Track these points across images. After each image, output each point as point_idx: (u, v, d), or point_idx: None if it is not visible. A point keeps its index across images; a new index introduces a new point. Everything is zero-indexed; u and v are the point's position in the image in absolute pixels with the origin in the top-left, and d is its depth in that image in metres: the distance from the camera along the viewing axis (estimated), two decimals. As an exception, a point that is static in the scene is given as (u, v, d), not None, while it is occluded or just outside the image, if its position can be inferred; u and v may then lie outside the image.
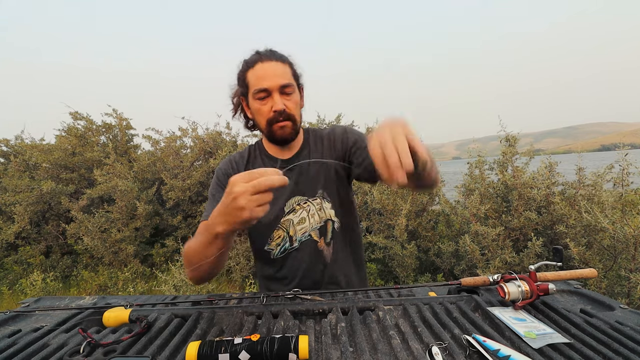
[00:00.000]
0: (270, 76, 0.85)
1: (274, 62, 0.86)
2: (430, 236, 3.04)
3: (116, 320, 0.68)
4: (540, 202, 2.35)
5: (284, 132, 0.89)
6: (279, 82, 0.85)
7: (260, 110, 0.88)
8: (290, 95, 0.88)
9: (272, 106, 0.86)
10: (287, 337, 0.55)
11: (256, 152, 1.02)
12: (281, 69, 0.87)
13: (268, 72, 0.85)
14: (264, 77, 0.85)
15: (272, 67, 0.86)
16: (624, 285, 1.82)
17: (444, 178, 3.53)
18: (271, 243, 0.97)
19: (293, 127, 0.90)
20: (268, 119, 0.88)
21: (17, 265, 3.75)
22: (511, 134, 2.62)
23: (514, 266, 2.18)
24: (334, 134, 1.01)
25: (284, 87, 0.86)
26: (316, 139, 1.02)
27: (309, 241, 0.96)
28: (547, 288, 0.68)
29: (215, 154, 4.02)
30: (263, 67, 0.86)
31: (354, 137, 0.97)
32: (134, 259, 3.66)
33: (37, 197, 3.70)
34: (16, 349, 0.59)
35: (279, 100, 0.85)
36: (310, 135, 1.03)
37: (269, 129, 0.90)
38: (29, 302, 0.86)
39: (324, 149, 0.99)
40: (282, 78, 0.86)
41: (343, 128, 1.01)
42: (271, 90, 0.85)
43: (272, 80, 0.85)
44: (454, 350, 0.55)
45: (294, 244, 0.96)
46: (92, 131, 4.56)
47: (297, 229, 0.96)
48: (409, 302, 0.74)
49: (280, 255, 0.97)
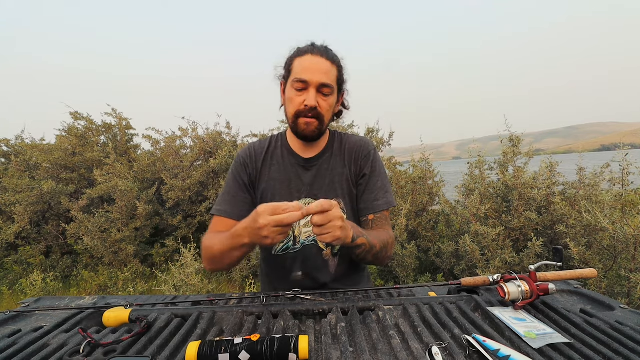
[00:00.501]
0: (314, 71, 0.84)
1: (324, 60, 0.86)
2: (430, 236, 3.04)
3: (116, 320, 0.68)
4: (541, 202, 2.35)
5: (307, 128, 0.89)
6: (319, 79, 0.84)
7: (293, 99, 0.88)
8: (327, 97, 0.87)
9: (305, 100, 0.85)
10: (287, 337, 0.55)
11: (278, 143, 1.01)
12: (327, 68, 0.86)
13: (314, 66, 0.85)
14: (308, 69, 0.85)
15: (319, 63, 0.85)
16: (624, 285, 1.82)
17: (445, 178, 3.53)
18: None
19: (318, 127, 0.89)
20: (297, 110, 0.87)
21: (17, 265, 3.75)
22: (515, 134, 2.62)
23: (514, 266, 2.18)
24: (360, 150, 0.98)
25: (323, 86, 0.85)
26: (341, 145, 1.00)
27: (313, 247, 0.95)
28: (547, 288, 0.68)
29: (215, 154, 4.02)
30: (311, 60, 0.85)
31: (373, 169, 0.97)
32: (134, 259, 3.66)
33: (37, 197, 3.70)
34: (16, 349, 0.59)
35: (313, 96, 0.85)
36: (335, 139, 1.01)
37: (295, 121, 0.89)
38: (29, 302, 0.86)
39: (345, 159, 0.98)
40: (324, 76, 0.85)
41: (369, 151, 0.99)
42: (310, 84, 0.85)
43: (315, 75, 0.84)
44: (454, 350, 0.55)
45: (296, 245, 0.95)
46: (92, 131, 4.55)
47: (302, 231, 0.95)
48: (409, 302, 0.74)
49: (282, 252, 0.97)
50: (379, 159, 1.00)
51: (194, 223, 4.10)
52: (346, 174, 0.97)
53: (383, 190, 0.96)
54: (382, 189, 0.96)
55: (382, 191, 0.96)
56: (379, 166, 0.99)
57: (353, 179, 0.97)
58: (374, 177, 0.96)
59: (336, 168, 0.97)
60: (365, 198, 0.96)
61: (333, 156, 0.98)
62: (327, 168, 0.97)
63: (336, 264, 0.97)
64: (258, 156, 0.99)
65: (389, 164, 3.99)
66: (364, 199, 0.96)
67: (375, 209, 0.94)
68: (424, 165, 3.29)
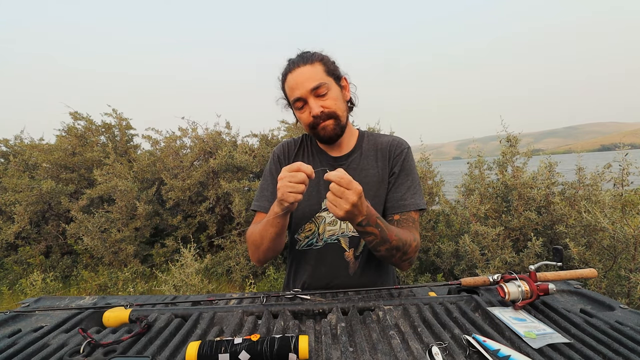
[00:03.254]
0: (299, 83, 0.86)
1: (302, 68, 0.87)
2: (430, 236, 3.04)
3: (116, 320, 0.68)
4: (540, 202, 2.35)
5: (326, 131, 0.90)
6: (308, 87, 0.86)
7: (301, 118, 0.91)
8: (326, 95, 0.88)
9: (310, 112, 0.88)
10: (287, 337, 0.55)
11: (308, 141, 1.04)
12: (309, 72, 0.86)
13: (297, 81, 0.87)
14: (294, 87, 0.87)
15: (300, 74, 0.87)
16: (624, 285, 1.82)
17: (444, 178, 3.53)
18: (301, 234, 0.98)
19: (336, 124, 0.90)
20: (309, 124, 0.90)
21: (17, 265, 3.75)
22: (512, 134, 2.62)
23: (514, 266, 2.18)
24: (393, 148, 0.98)
25: (316, 89, 0.86)
26: (370, 145, 1.00)
27: (336, 246, 0.95)
28: (547, 288, 0.68)
29: (215, 154, 4.02)
30: (292, 77, 0.88)
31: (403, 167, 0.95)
32: (134, 259, 3.66)
33: (37, 197, 3.70)
34: (16, 349, 0.59)
35: (314, 105, 0.87)
36: (365, 139, 1.01)
37: (314, 132, 0.92)
38: (29, 302, 0.86)
39: (378, 157, 0.97)
40: (311, 81, 0.86)
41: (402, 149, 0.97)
42: (305, 97, 0.87)
43: (302, 86, 0.86)
44: (454, 350, 0.55)
45: (319, 242, 0.96)
46: (91, 131, 4.55)
47: (326, 229, 0.95)
48: (409, 302, 0.74)
49: (306, 248, 0.97)
50: (411, 159, 0.98)
51: (193, 223, 4.10)
52: (378, 175, 0.95)
53: (412, 190, 0.93)
54: (411, 189, 0.93)
55: (410, 191, 0.93)
56: (411, 166, 0.97)
57: (385, 179, 0.96)
58: (403, 176, 0.95)
59: (366, 168, 0.96)
60: (392, 197, 0.94)
61: (363, 156, 0.98)
62: (356, 168, 0.96)
63: (357, 266, 0.96)
64: (291, 152, 1.02)
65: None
66: (390, 198, 0.94)
67: (400, 208, 0.92)
68: (424, 165, 3.30)
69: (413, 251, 0.86)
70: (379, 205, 0.95)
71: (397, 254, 0.83)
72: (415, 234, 0.89)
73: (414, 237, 0.87)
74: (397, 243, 0.81)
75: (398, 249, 0.82)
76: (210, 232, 4.02)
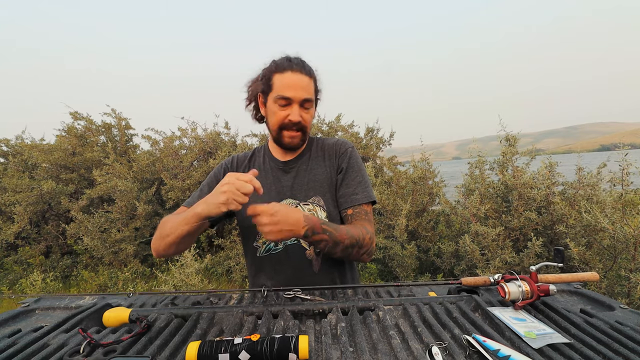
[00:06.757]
0: (297, 88, 0.89)
1: (303, 76, 0.90)
2: (430, 236, 3.04)
3: (116, 320, 0.68)
4: (541, 202, 2.35)
5: (292, 141, 0.94)
6: (302, 96, 0.89)
7: (276, 113, 0.92)
8: (308, 110, 0.93)
9: (289, 115, 0.90)
10: (287, 337, 0.55)
11: (261, 152, 1.07)
12: (307, 83, 0.90)
13: (296, 84, 0.88)
14: (291, 86, 0.88)
15: (300, 80, 0.89)
16: (624, 285, 1.82)
17: (445, 178, 3.53)
18: (258, 240, 0.99)
19: (302, 139, 0.95)
20: (281, 124, 0.92)
21: (17, 265, 3.75)
22: (511, 134, 2.62)
23: (514, 266, 2.18)
24: (338, 147, 1.03)
25: (305, 102, 0.90)
26: (318, 147, 1.05)
27: (296, 247, 0.96)
28: (548, 289, 0.68)
29: (215, 154, 4.02)
30: (292, 77, 0.89)
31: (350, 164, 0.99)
32: (134, 259, 3.66)
33: (37, 197, 3.70)
34: (16, 349, 0.59)
35: (297, 112, 0.90)
36: (314, 143, 1.06)
37: (279, 133, 0.94)
38: (29, 302, 0.86)
39: (325, 157, 1.02)
40: (306, 92, 0.90)
41: (346, 148, 1.02)
42: (293, 101, 0.89)
43: (298, 92, 0.89)
44: (454, 350, 0.55)
45: (278, 245, 0.96)
46: (91, 131, 4.55)
47: None
48: (409, 302, 0.74)
49: (265, 254, 0.98)
50: (356, 156, 1.02)
51: (193, 223, 4.10)
52: (326, 173, 0.99)
53: (362, 185, 0.97)
54: (362, 184, 0.97)
55: (361, 186, 0.97)
56: (358, 163, 1.01)
57: (334, 177, 1.00)
58: (352, 172, 0.98)
59: (315, 168, 1.00)
60: (344, 192, 0.97)
61: (311, 158, 1.02)
62: (306, 169, 1.00)
63: (320, 262, 0.97)
64: (240, 164, 1.05)
65: (390, 164, 3.99)
66: (341, 194, 0.97)
67: (353, 202, 0.95)
68: (424, 166, 3.30)
69: (368, 243, 0.89)
70: (331, 201, 0.98)
71: (353, 250, 0.86)
72: (367, 226, 0.92)
73: (366, 230, 0.89)
74: (351, 241, 0.84)
75: (353, 246, 0.85)
76: (210, 232, 4.02)
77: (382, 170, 4.01)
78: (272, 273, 0.98)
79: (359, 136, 4.50)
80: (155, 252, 0.90)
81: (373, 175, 3.34)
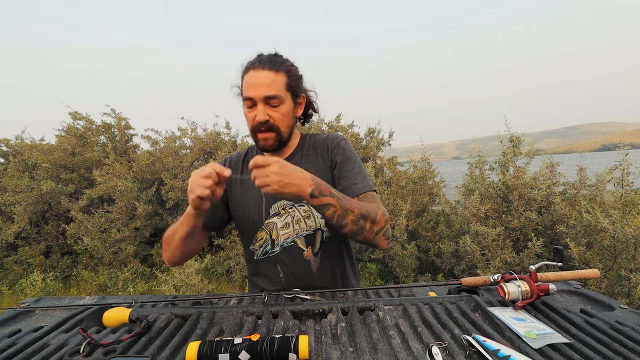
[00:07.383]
0: (257, 86, 0.84)
1: (266, 71, 0.85)
2: (430, 236, 3.04)
3: (116, 320, 0.68)
4: (541, 202, 2.35)
5: (265, 143, 0.90)
6: (263, 93, 0.84)
7: (246, 116, 0.90)
8: (277, 107, 0.87)
9: (255, 115, 0.86)
10: (287, 337, 0.55)
11: (254, 152, 1.04)
12: (270, 79, 0.85)
13: (256, 82, 0.85)
14: (251, 85, 0.85)
15: (260, 77, 0.84)
16: (624, 285, 1.82)
17: (445, 178, 3.52)
18: (255, 244, 0.97)
19: (276, 139, 0.90)
20: (252, 126, 0.89)
21: (17, 265, 3.75)
22: (515, 134, 2.62)
23: (514, 266, 2.18)
24: (329, 141, 0.99)
25: (269, 99, 0.85)
26: (310, 144, 1.01)
27: (293, 248, 0.94)
28: (548, 288, 0.68)
29: (215, 154, 4.02)
30: (252, 76, 0.85)
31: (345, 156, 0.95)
32: (134, 259, 3.66)
33: (37, 197, 3.70)
34: (16, 349, 0.59)
35: (261, 111, 0.85)
36: (306, 140, 1.02)
37: (254, 136, 0.91)
38: (29, 302, 0.86)
39: (317, 155, 0.98)
40: (268, 89, 0.84)
41: (338, 141, 0.99)
42: (256, 100, 0.85)
43: (258, 90, 0.84)
44: (454, 350, 0.55)
45: (275, 247, 0.95)
46: (91, 131, 4.55)
47: (280, 233, 0.94)
48: (409, 302, 0.74)
49: (262, 257, 0.97)
50: (349, 148, 0.98)
51: (193, 223, 4.11)
52: (320, 171, 0.95)
53: (362, 175, 0.93)
54: (360, 174, 0.93)
55: (360, 176, 0.93)
56: (353, 154, 0.97)
57: (329, 174, 0.96)
58: (348, 164, 0.94)
59: (307, 166, 0.95)
60: (343, 185, 0.92)
61: (304, 156, 0.99)
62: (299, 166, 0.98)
63: (318, 263, 0.95)
64: (234, 164, 1.03)
65: (390, 164, 3.99)
66: (342, 187, 0.93)
67: (355, 192, 0.89)
68: (424, 165, 3.29)
69: (382, 220, 0.81)
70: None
71: (367, 224, 0.78)
72: (381, 206, 0.85)
73: (379, 207, 0.83)
74: (361, 212, 0.77)
75: (365, 217, 0.77)
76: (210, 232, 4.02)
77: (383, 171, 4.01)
78: (270, 275, 0.97)
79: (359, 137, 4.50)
80: (167, 261, 0.93)
81: (373, 175, 3.34)
